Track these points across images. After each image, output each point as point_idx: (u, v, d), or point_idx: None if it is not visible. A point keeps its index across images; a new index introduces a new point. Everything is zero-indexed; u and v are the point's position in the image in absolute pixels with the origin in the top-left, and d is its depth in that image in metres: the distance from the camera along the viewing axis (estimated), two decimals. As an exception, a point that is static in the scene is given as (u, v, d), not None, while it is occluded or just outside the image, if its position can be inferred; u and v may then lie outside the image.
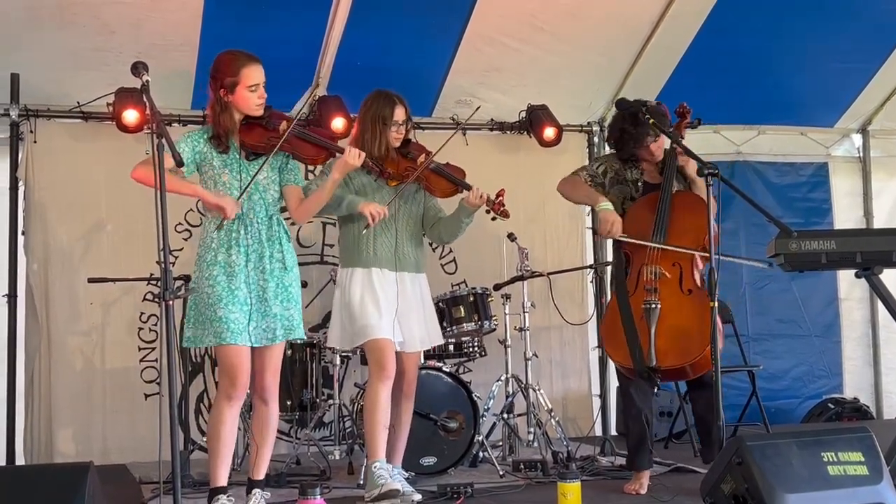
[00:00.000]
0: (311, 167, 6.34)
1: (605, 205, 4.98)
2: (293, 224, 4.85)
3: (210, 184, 4.31)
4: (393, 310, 4.76)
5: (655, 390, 4.82)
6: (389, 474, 4.62)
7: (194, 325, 4.26)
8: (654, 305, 4.78)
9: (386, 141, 4.81)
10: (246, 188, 4.27)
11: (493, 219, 4.90)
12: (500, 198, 4.79)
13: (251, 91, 4.27)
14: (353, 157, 4.45)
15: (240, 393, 4.29)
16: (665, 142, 5.04)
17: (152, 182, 3.52)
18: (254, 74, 4.27)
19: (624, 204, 5.10)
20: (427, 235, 5.09)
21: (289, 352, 5.68)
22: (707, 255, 4.68)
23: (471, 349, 5.98)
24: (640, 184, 5.12)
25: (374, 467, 4.61)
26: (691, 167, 4.98)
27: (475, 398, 5.56)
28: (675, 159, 5.00)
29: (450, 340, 5.86)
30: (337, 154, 4.50)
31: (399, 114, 4.83)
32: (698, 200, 4.86)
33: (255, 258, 4.29)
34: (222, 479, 4.28)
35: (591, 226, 7.07)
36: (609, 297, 5.30)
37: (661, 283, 4.83)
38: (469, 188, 4.83)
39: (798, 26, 6.71)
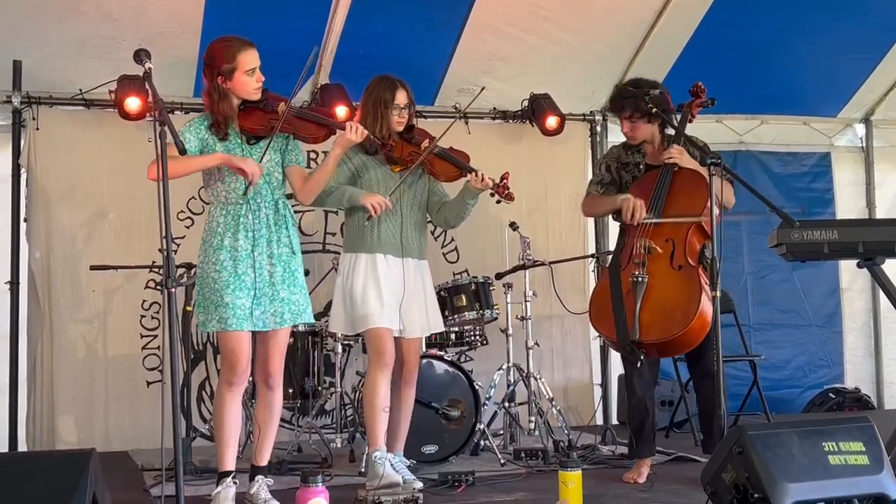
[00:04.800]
0: (312, 152, 6.36)
1: (623, 196, 5.01)
2: (297, 211, 4.85)
3: (214, 169, 4.31)
4: (396, 296, 4.76)
5: (639, 364, 4.81)
6: (391, 464, 4.63)
7: (204, 311, 4.28)
8: (640, 279, 4.78)
9: (388, 125, 4.80)
10: (262, 157, 4.27)
11: (498, 202, 4.87)
12: (505, 181, 4.79)
13: (249, 75, 4.27)
14: (354, 132, 4.44)
15: (240, 379, 4.31)
16: (645, 131, 5.05)
17: (173, 172, 3.53)
18: (249, 59, 4.26)
19: (629, 186, 5.11)
20: (433, 220, 5.09)
21: (291, 339, 5.66)
22: (707, 220, 4.68)
23: (472, 338, 5.98)
24: (641, 166, 5.13)
25: (375, 457, 4.62)
26: (687, 162, 4.96)
27: (476, 387, 5.57)
28: (680, 142, 4.98)
29: (451, 329, 5.86)
30: (338, 131, 4.50)
31: (401, 97, 4.82)
32: (698, 176, 4.83)
33: (262, 243, 4.29)
34: (228, 464, 4.30)
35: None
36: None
37: (652, 258, 4.83)
38: (473, 171, 4.82)
39: (801, 16, 6.70)
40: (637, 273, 4.81)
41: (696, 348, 4.84)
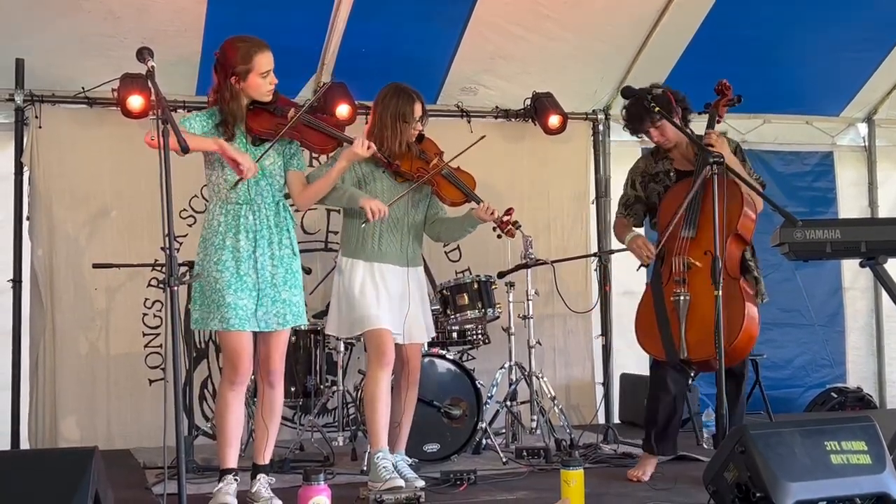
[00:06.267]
0: (316, 156, 6.35)
1: (629, 237, 5.04)
2: (297, 211, 4.85)
3: (217, 166, 4.31)
4: (399, 305, 4.77)
5: (691, 381, 4.80)
6: (393, 463, 4.63)
7: (201, 308, 4.28)
8: (683, 297, 4.76)
9: (405, 138, 4.81)
10: (260, 157, 4.26)
11: (499, 236, 4.90)
12: (509, 216, 4.79)
13: (263, 77, 4.27)
14: (363, 148, 4.45)
15: (242, 379, 4.32)
16: (670, 129, 4.99)
17: (171, 145, 3.52)
18: (265, 61, 4.27)
19: (662, 196, 5.08)
20: (426, 232, 5.07)
21: (293, 338, 5.69)
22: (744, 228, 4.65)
23: (474, 337, 5.97)
24: (671, 173, 5.07)
25: (378, 458, 4.61)
26: (725, 148, 4.86)
27: (478, 385, 5.57)
28: (710, 145, 4.89)
29: (453, 328, 5.87)
30: (345, 144, 4.50)
31: (418, 110, 4.83)
32: (731, 185, 4.71)
33: (263, 244, 4.30)
34: (230, 462, 4.32)
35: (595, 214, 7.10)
36: (612, 285, 5.30)
37: (692, 274, 4.79)
38: (479, 201, 4.82)
39: (804, 15, 6.69)
40: (678, 291, 4.78)
41: None
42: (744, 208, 4.76)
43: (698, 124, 5.07)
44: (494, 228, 4.85)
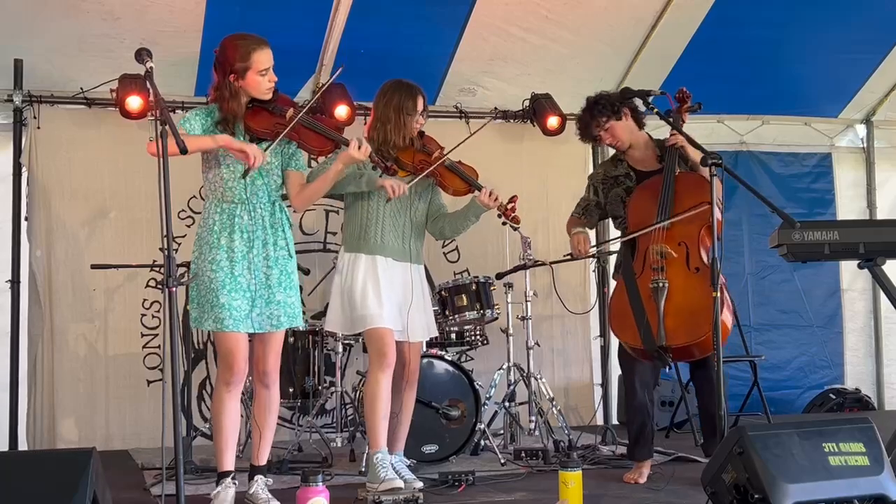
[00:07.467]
0: (314, 157, 6.36)
1: (574, 231, 5.22)
2: (294, 212, 4.85)
3: (214, 164, 4.31)
4: (399, 299, 4.76)
5: (666, 371, 4.83)
6: (392, 465, 4.63)
7: (198, 307, 4.28)
8: (661, 284, 4.79)
9: (409, 131, 4.83)
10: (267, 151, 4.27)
11: (504, 223, 4.93)
12: (513, 203, 4.81)
13: (262, 75, 4.26)
14: (359, 150, 4.44)
15: (237, 379, 4.30)
16: (624, 130, 5.11)
17: (173, 150, 3.52)
18: (264, 58, 4.26)
19: (625, 199, 5.13)
20: (428, 229, 5.09)
21: (291, 339, 5.69)
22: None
23: (473, 338, 5.98)
24: (631, 174, 5.15)
25: (376, 459, 4.61)
26: (691, 151, 4.97)
27: (477, 386, 5.57)
28: (674, 145, 4.99)
29: (452, 329, 5.87)
30: (342, 146, 4.49)
31: (420, 103, 4.86)
32: (701, 179, 4.83)
33: (258, 244, 4.29)
34: (227, 464, 4.31)
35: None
36: (612, 284, 5.32)
37: (668, 263, 4.84)
38: (482, 188, 4.84)
39: (803, 16, 6.69)
40: (656, 278, 4.81)
41: None
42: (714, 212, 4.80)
43: (662, 131, 5.13)
44: (499, 216, 4.87)
